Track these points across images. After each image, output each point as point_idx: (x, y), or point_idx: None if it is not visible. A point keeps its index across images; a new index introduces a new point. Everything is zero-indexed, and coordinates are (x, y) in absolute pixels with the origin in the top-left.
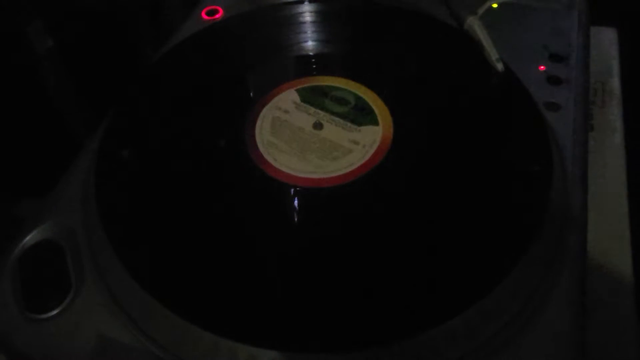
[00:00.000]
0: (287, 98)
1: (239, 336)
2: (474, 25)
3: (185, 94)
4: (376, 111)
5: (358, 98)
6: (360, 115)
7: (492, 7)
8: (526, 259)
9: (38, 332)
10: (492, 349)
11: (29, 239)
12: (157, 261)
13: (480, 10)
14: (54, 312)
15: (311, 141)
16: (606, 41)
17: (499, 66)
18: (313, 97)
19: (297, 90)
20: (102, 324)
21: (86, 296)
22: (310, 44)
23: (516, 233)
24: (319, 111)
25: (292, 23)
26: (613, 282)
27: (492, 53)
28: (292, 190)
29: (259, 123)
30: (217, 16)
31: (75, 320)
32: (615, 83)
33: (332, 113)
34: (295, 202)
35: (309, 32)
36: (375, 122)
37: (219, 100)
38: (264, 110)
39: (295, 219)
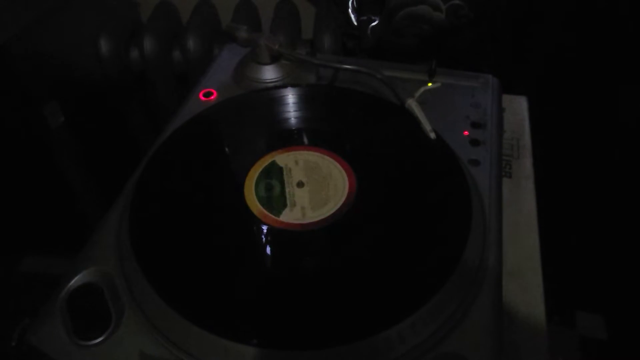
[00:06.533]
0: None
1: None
2: (412, 105)
3: (198, 159)
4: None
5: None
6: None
7: (426, 88)
8: (454, 277)
9: (87, 355)
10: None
11: (73, 283)
12: (184, 286)
13: (417, 94)
14: (100, 339)
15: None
16: (519, 107)
17: (432, 135)
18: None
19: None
20: (141, 345)
21: (125, 324)
22: (291, 121)
23: (446, 255)
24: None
25: (276, 104)
26: (527, 293)
27: (426, 125)
28: (272, 231)
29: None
30: (212, 97)
31: (118, 344)
32: (527, 139)
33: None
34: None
35: (291, 111)
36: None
37: (224, 164)
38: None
39: (281, 256)
